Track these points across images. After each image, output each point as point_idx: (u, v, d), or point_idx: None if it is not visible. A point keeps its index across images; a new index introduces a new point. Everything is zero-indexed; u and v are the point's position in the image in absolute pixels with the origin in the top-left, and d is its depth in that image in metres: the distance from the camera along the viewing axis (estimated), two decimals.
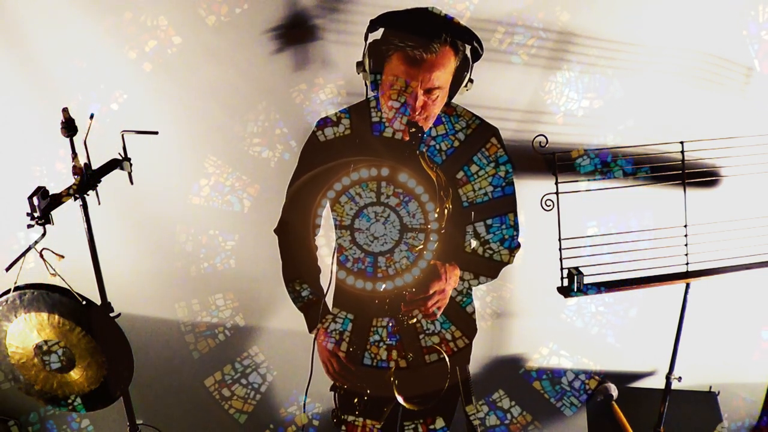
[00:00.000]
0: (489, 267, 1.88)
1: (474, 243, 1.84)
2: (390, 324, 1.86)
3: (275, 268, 1.97)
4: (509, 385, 2.40)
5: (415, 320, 1.78)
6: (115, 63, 2.13)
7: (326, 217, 1.90)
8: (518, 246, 1.89)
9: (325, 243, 2.08)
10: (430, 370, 1.85)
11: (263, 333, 2.50)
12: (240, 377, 2.47)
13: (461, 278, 1.80)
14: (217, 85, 2.19)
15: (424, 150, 1.63)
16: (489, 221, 1.82)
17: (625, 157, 1.84)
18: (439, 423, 1.98)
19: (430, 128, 1.76)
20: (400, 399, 1.76)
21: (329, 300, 1.96)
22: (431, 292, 1.68)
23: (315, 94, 2.17)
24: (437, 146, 1.76)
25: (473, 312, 1.89)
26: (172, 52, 2.11)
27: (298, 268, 1.93)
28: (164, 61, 2.12)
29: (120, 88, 2.15)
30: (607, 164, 1.81)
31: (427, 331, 1.85)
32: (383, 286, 1.68)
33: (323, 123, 1.82)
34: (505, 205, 1.83)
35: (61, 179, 2.14)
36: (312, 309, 1.93)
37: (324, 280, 1.92)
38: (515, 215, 1.85)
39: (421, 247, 1.64)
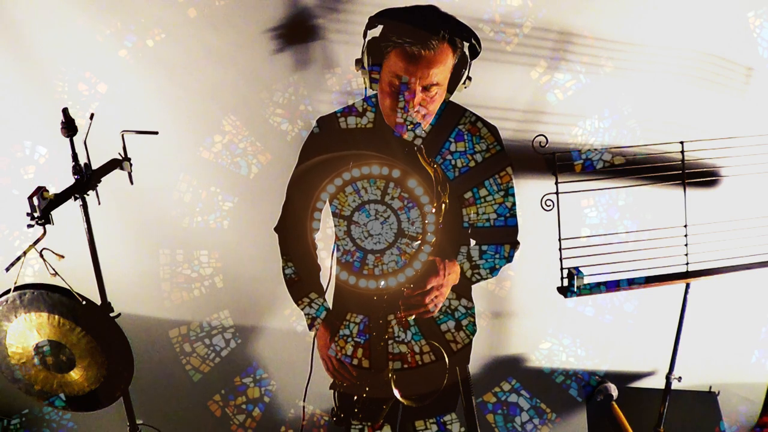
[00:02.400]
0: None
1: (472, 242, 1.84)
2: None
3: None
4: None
5: (413, 317, 1.78)
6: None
7: (325, 217, 1.90)
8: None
9: (324, 245, 2.08)
10: (429, 369, 1.85)
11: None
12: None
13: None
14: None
15: (422, 146, 1.63)
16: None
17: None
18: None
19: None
20: (397, 395, 1.77)
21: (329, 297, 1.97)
22: (429, 287, 1.68)
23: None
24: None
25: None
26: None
27: (297, 266, 1.93)
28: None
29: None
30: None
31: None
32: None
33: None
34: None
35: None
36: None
37: (324, 279, 1.92)
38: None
39: (412, 254, 1.64)
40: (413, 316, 1.77)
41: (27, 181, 2.20)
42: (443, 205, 1.63)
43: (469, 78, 1.68)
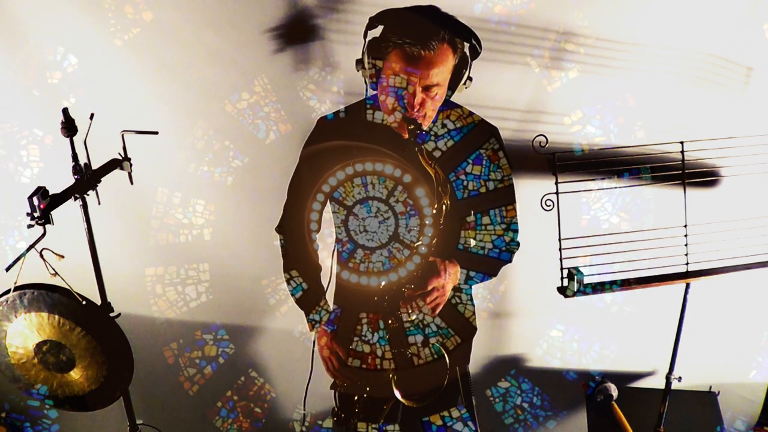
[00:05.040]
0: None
1: (472, 242, 1.84)
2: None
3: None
4: None
5: (414, 318, 1.78)
6: None
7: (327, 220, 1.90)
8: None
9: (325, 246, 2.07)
10: (430, 368, 1.85)
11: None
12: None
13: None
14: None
15: (423, 147, 1.62)
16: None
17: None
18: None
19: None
20: (398, 396, 1.77)
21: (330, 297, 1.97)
22: (430, 288, 1.68)
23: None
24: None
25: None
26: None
27: (297, 264, 1.92)
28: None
29: None
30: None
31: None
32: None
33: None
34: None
35: None
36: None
37: (324, 279, 1.92)
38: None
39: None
40: (414, 317, 1.77)
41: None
42: (444, 207, 1.63)
43: (470, 78, 1.68)
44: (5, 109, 2.17)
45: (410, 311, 1.74)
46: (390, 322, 1.79)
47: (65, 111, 1.69)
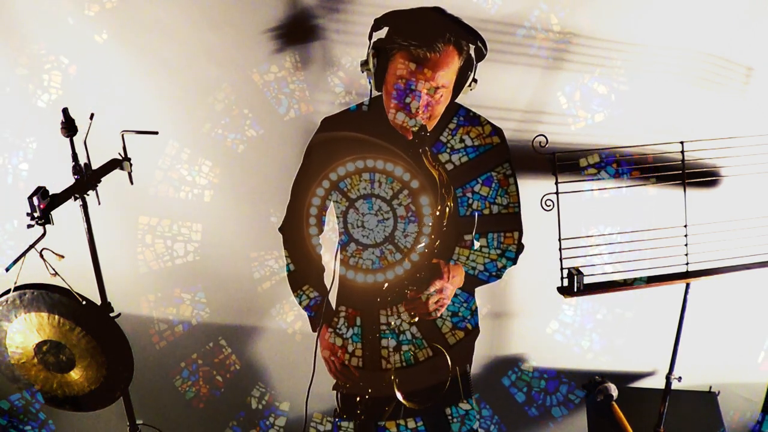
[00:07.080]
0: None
1: (477, 244, 1.84)
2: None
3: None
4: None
5: (417, 319, 1.78)
6: None
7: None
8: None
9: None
10: (430, 369, 1.85)
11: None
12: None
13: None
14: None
15: (427, 149, 1.62)
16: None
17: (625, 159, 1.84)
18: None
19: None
20: (400, 397, 1.77)
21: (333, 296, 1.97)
22: (432, 290, 1.68)
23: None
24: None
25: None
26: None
27: (302, 269, 1.92)
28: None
29: None
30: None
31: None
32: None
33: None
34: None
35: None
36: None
37: (327, 280, 1.92)
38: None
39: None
40: (417, 319, 1.77)
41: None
42: (447, 209, 1.63)
43: (475, 80, 1.68)
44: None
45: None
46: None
47: (65, 111, 1.69)
